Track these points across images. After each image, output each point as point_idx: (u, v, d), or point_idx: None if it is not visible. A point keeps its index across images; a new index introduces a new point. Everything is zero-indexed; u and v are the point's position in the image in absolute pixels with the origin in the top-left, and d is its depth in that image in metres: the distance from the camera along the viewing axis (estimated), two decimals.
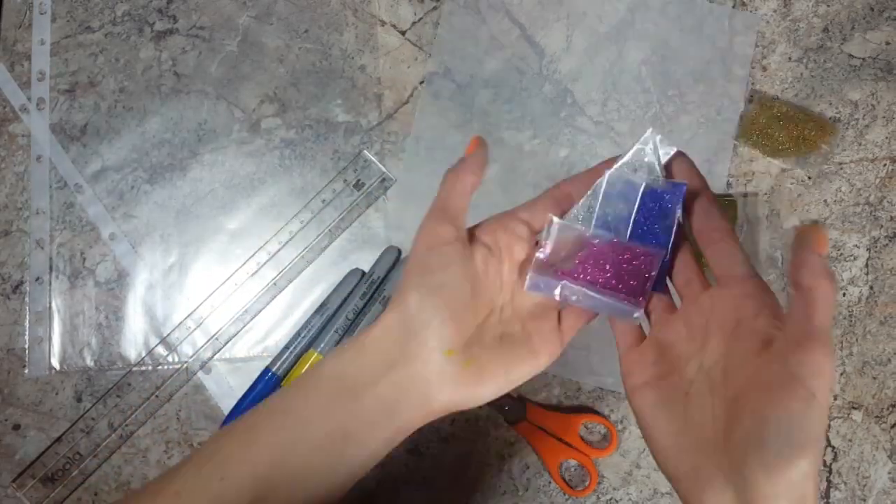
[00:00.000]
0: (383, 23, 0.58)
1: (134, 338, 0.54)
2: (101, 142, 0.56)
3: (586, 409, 0.54)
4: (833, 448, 0.53)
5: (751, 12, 0.58)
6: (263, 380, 0.52)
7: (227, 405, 0.53)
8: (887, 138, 0.56)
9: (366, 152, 0.56)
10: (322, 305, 0.53)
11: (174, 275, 0.55)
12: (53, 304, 0.54)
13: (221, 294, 0.55)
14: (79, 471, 0.53)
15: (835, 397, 0.54)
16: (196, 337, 0.54)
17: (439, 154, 0.56)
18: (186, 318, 0.54)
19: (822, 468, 0.53)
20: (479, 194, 0.35)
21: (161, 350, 0.54)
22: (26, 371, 0.54)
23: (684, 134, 0.57)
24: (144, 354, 0.54)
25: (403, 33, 0.58)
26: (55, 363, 0.54)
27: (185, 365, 0.54)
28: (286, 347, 0.53)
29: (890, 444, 0.53)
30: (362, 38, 0.58)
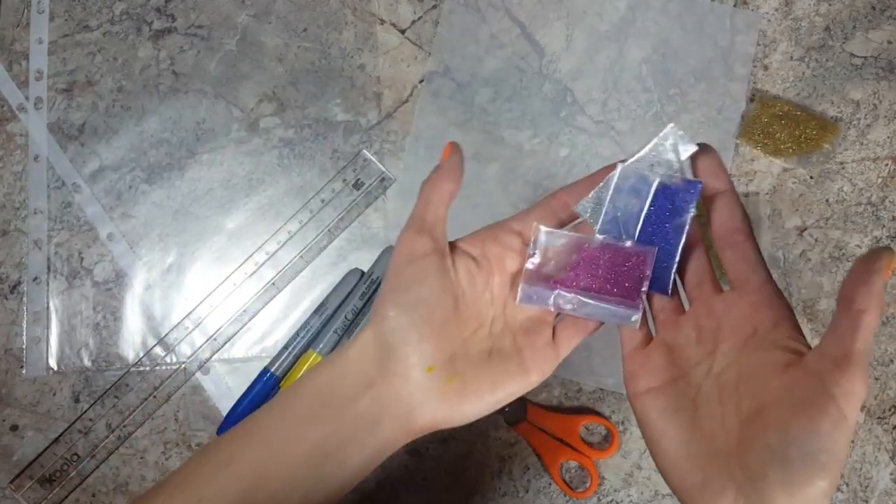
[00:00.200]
0: (383, 21, 0.58)
1: (132, 338, 0.54)
2: (99, 141, 0.56)
3: (587, 410, 0.54)
4: None
5: (752, 11, 0.57)
6: (262, 380, 0.52)
7: (226, 406, 0.53)
8: (889, 137, 0.56)
9: (365, 152, 0.56)
10: (321, 306, 0.53)
11: (172, 275, 0.55)
12: (51, 305, 0.54)
13: (220, 294, 0.54)
14: (76, 472, 0.52)
15: None
16: (194, 337, 0.54)
17: (439, 153, 0.55)
18: (185, 319, 0.54)
19: None
20: (480, 194, 0.35)
21: (159, 350, 0.54)
22: (24, 371, 0.53)
23: (685, 133, 0.56)
24: (142, 355, 0.53)
25: (403, 32, 0.58)
26: (53, 363, 0.54)
27: (184, 365, 0.53)
28: (285, 348, 0.52)
29: (892, 445, 0.53)
30: (361, 37, 0.58)
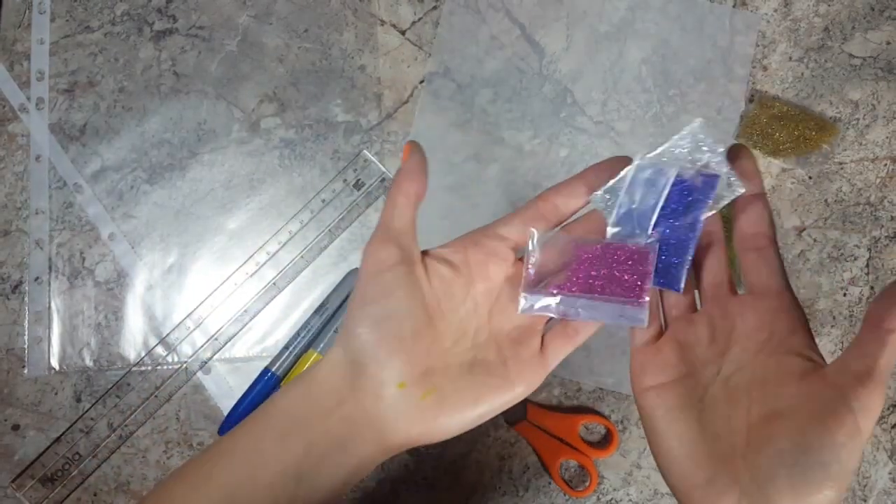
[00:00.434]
0: (383, 22, 0.58)
1: (133, 338, 0.54)
2: (101, 142, 0.56)
3: (586, 410, 0.54)
4: None
5: (751, 12, 0.58)
6: (263, 380, 0.52)
7: (227, 405, 0.53)
8: (888, 138, 0.56)
9: (366, 152, 0.56)
10: (321, 306, 0.53)
11: (173, 275, 0.55)
12: (53, 304, 0.54)
13: (221, 294, 0.55)
14: (78, 471, 0.53)
15: None
16: (195, 337, 0.54)
17: (439, 154, 0.56)
18: (186, 319, 0.54)
19: None
20: (480, 194, 0.34)
21: (160, 350, 0.54)
22: (25, 371, 0.54)
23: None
24: (144, 354, 0.54)
25: (403, 33, 0.58)
26: (54, 363, 0.54)
27: (185, 365, 0.54)
28: (285, 348, 0.53)
29: (891, 445, 0.53)
30: (362, 38, 0.58)
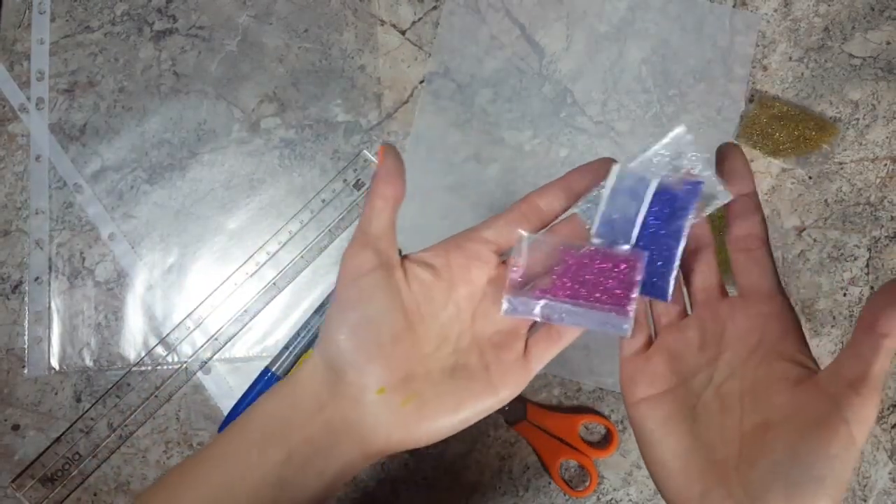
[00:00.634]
0: (383, 22, 0.58)
1: (133, 338, 0.54)
2: (101, 142, 0.56)
3: (586, 410, 0.54)
4: None
5: (751, 12, 0.58)
6: (263, 380, 0.52)
7: (227, 405, 0.53)
8: (888, 138, 0.56)
9: (366, 152, 0.56)
10: (321, 305, 0.53)
11: (173, 275, 0.55)
12: (53, 304, 0.54)
13: (221, 294, 0.55)
14: (78, 471, 0.53)
15: None
16: (195, 337, 0.54)
17: (439, 154, 0.56)
18: (186, 319, 0.54)
19: None
20: (480, 194, 0.34)
21: (160, 350, 0.54)
22: (25, 371, 0.54)
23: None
24: (144, 354, 0.54)
25: (403, 33, 0.58)
26: (54, 363, 0.54)
27: (185, 365, 0.54)
28: (286, 347, 0.53)
29: (891, 445, 0.53)
30: (362, 38, 0.58)
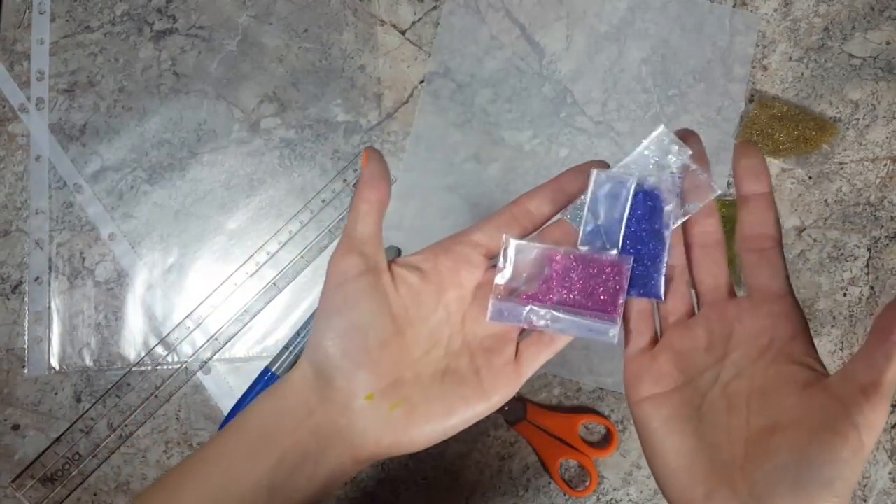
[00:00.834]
0: (383, 22, 0.58)
1: (133, 338, 0.54)
2: (101, 142, 0.56)
3: (586, 410, 0.54)
4: None
5: (751, 12, 0.58)
6: (263, 380, 0.52)
7: (227, 405, 0.53)
8: (888, 138, 0.56)
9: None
10: None
11: (173, 275, 0.55)
12: (53, 304, 0.54)
13: (221, 294, 0.55)
14: (78, 471, 0.53)
15: None
16: (195, 337, 0.54)
17: (439, 154, 0.56)
18: (186, 319, 0.54)
19: None
20: (480, 195, 0.34)
21: (160, 350, 0.54)
22: (25, 371, 0.54)
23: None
24: (144, 354, 0.54)
25: (403, 33, 0.58)
26: (54, 363, 0.54)
27: (185, 365, 0.54)
28: (286, 347, 0.53)
29: (890, 445, 0.53)
30: (362, 38, 0.58)
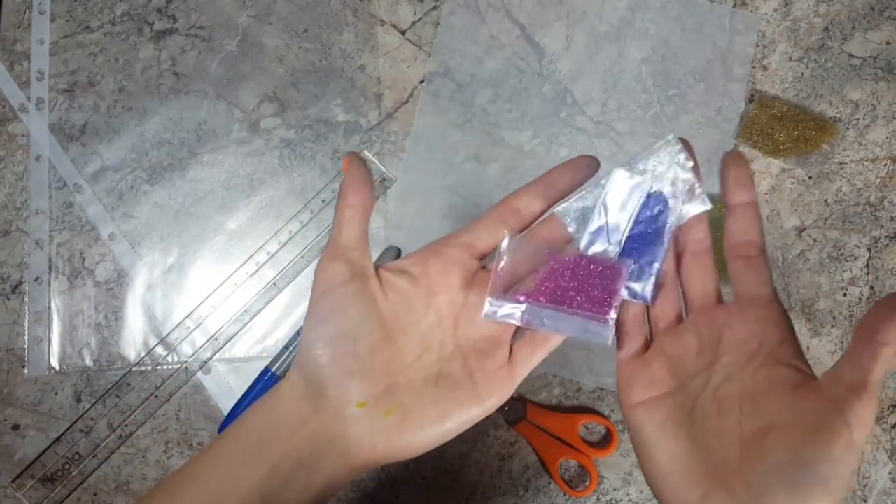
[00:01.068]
0: (383, 22, 0.58)
1: (133, 338, 0.54)
2: (101, 141, 0.56)
3: (586, 410, 0.54)
4: None
5: (751, 12, 0.58)
6: (263, 380, 0.52)
7: (227, 405, 0.53)
8: (888, 138, 0.56)
9: (366, 152, 0.56)
10: None
11: (173, 275, 0.55)
12: (53, 304, 0.54)
13: (221, 294, 0.55)
14: (78, 471, 0.53)
15: None
16: (195, 337, 0.54)
17: (439, 154, 0.56)
18: (186, 319, 0.54)
19: None
20: (480, 195, 0.34)
21: (160, 350, 0.54)
22: (25, 371, 0.54)
23: (684, 134, 0.56)
24: (144, 354, 0.54)
25: (403, 33, 0.58)
26: (54, 363, 0.54)
27: (185, 365, 0.54)
28: (286, 347, 0.53)
29: (891, 445, 0.53)
30: (362, 38, 0.58)
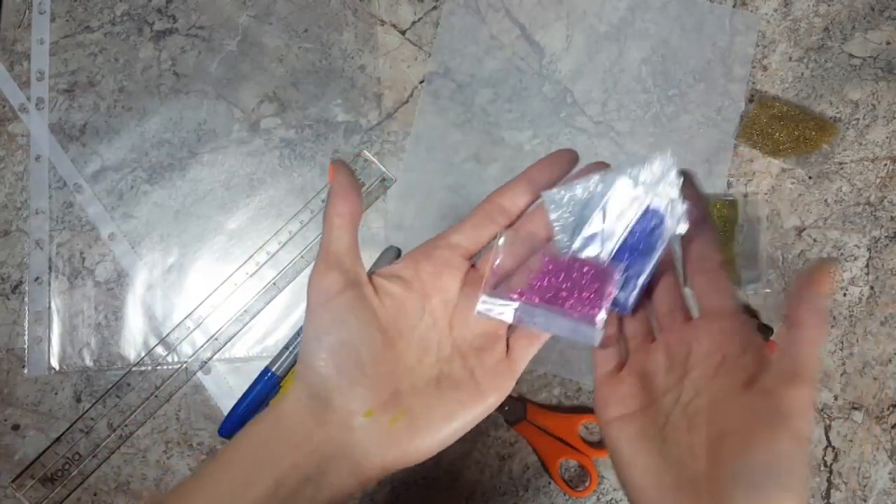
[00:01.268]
0: (383, 22, 0.58)
1: (133, 338, 0.54)
2: (101, 141, 0.56)
3: (586, 409, 0.54)
4: (833, 448, 0.53)
5: (751, 12, 0.58)
6: (263, 380, 0.52)
7: (227, 405, 0.53)
8: (888, 138, 0.56)
9: (365, 152, 0.56)
10: None
11: (173, 275, 0.55)
12: (53, 304, 0.54)
13: (221, 294, 0.55)
14: (78, 471, 0.53)
15: (835, 397, 0.54)
16: (195, 337, 0.54)
17: (439, 154, 0.56)
18: (186, 319, 0.54)
19: (823, 468, 0.53)
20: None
21: (160, 350, 0.54)
22: (25, 371, 0.54)
23: (684, 134, 0.56)
24: (144, 354, 0.54)
25: (403, 33, 0.58)
26: (54, 363, 0.54)
27: (185, 365, 0.54)
28: (286, 347, 0.53)
29: (891, 445, 0.53)
30: (362, 38, 0.58)
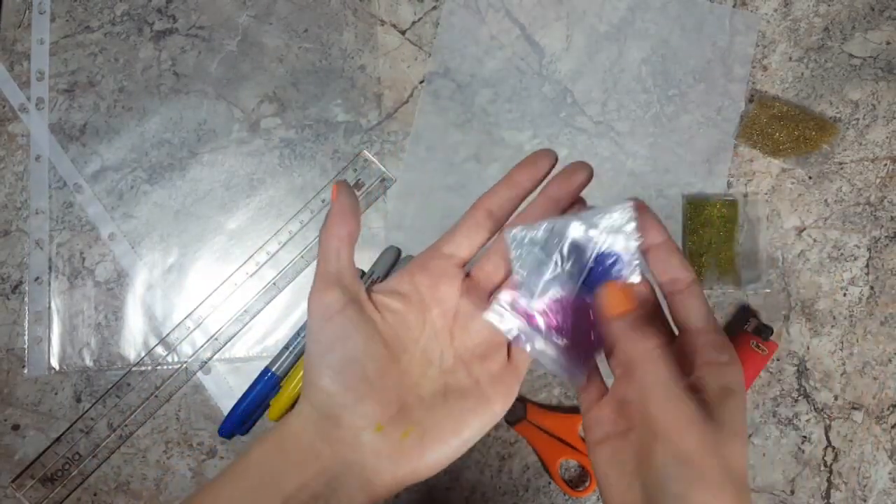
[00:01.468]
0: (383, 22, 0.58)
1: (133, 338, 0.54)
2: (101, 141, 0.56)
3: None
4: (833, 448, 0.53)
5: (751, 12, 0.58)
6: (263, 380, 0.52)
7: (227, 405, 0.53)
8: (888, 138, 0.56)
9: (365, 152, 0.56)
10: None
11: (173, 275, 0.55)
12: (53, 304, 0.54)
13: (221, 294, 0.55)
14: (78, 471, 0.53)
15: (835, 397, 0.54)
16: (195, 337, 0.54)
17: (439, 154, 0.56)
18: (186, 319, 0.54)
19: (823, 468, 0.53)
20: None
21: (160, 350, 0.54)
22: (25, 371, 0.54)
23: (684, 134, 0.56)
24: (144, 354, 0.54)
25: (403, 33, 0.58)
26: (54, 363, 0.54)
27: (185, 365, 0.54)
28: (286, 347, 0.53)
29: (890, 445, 0.53)
30: (362, 38, 0.58)
